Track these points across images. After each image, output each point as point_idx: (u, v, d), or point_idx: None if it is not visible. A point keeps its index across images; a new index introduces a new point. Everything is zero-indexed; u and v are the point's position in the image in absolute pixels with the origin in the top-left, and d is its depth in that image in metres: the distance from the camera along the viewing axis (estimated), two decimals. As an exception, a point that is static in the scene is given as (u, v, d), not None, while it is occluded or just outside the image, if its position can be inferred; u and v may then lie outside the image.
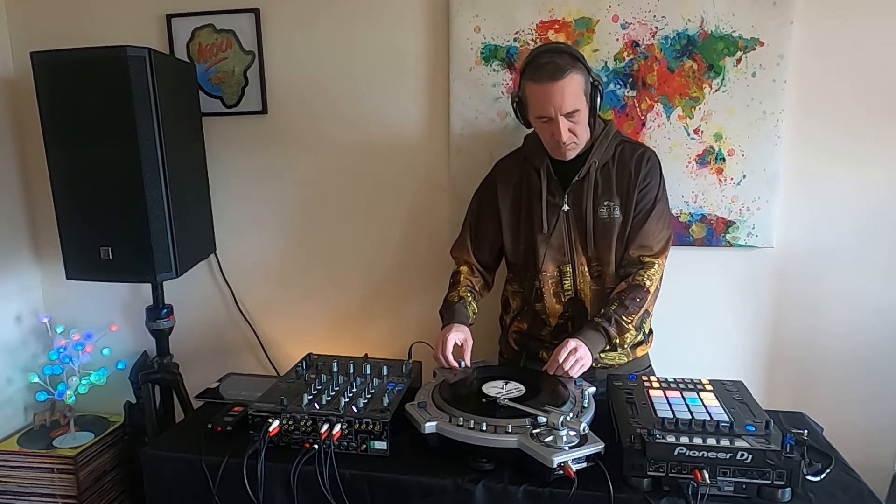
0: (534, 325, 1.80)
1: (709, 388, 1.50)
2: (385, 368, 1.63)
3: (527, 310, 1.81)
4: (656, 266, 1.68)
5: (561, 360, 1.56)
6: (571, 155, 1.66)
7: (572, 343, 1.58)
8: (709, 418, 1.31)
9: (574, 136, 1.61)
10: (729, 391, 1.49)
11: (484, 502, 1.28)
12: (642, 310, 1.65)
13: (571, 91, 1.55)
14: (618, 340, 1.65)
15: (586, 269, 1.71)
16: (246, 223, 2.34)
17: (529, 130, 1.79)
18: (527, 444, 1.26)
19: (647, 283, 1.65)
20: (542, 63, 1.55)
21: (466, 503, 1.28)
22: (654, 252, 1.68)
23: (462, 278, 1.81)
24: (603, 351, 1.71)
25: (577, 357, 1.56)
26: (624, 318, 1.62)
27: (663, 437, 1.23)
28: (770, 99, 1.91)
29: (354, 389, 1.53)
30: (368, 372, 1.63)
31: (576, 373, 1.56)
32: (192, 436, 1.51)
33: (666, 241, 1.71)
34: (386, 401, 1.45)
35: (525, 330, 1.83)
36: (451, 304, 1.74)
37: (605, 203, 1.68)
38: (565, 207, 1.70)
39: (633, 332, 1.68)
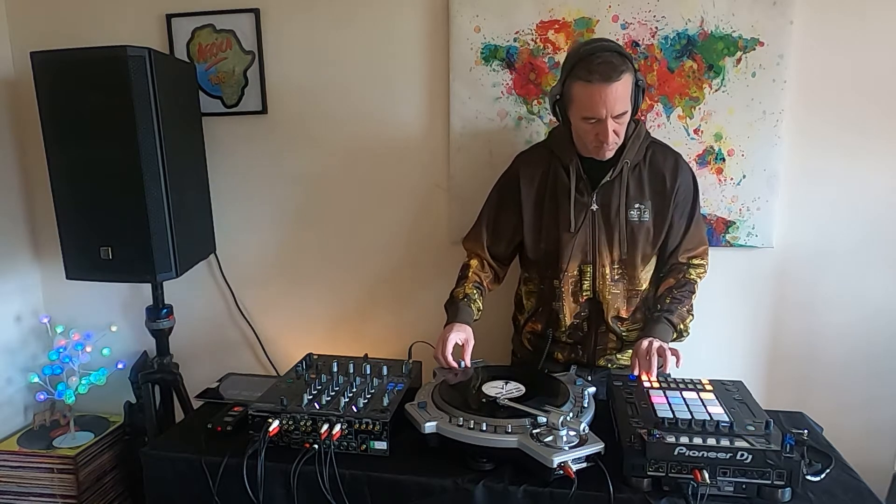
0: (548, 325, 1.79)
1: (709, 388, 1.50)
2: (385, 368, 1.63)
3: (542, 310, 1.80)
4: (705, 264, 1.76)
5: (648, 358, 1.53)
6: (610, 155, 1.63)
7: (645, 342, 1.56)
8: (709, 418, 1.31)
9: (617, 138, 1.58)
10: (729, 391, 1.49)
11: (484, 502, 1.28)
12: (692, 299, 1.69)
13: (623, 93, 1.52)
14: (682, 326, 1.66)
15: (607, 270, 1.70)
16: (246, 223, 2.34)
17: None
18: (527, 444, 1.26)
19: (697, 279, 1.72)
20: (597, 63, 1.50)
21: (466, 503, 1.28)
22: (699, 252, 1.74)
23: (470, 273, 1.79)
24: (619, 351, 1.76)
25: (656, 348, 1.53)
26: (680, 307, 1.66)
27: (663, 437, 1.23)
28: (770, 99, 1.91)
29: (354, 389, 1.52)
30: (368, 372, 1.63)
31: (678, 366, 1.53)
32: (192, 436, 1.50)
33: (706, 236, 1.78)
34: (386, 401, 1.45)
35: (539, 331, 1.82)
36: (456, 302, 1.72)
37: (637, 205, 1.67)
38: (594, 207, 1.68)
39: (692, 317, 1.69)
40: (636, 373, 1.55)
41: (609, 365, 1.77)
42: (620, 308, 1.72)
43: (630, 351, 1.76)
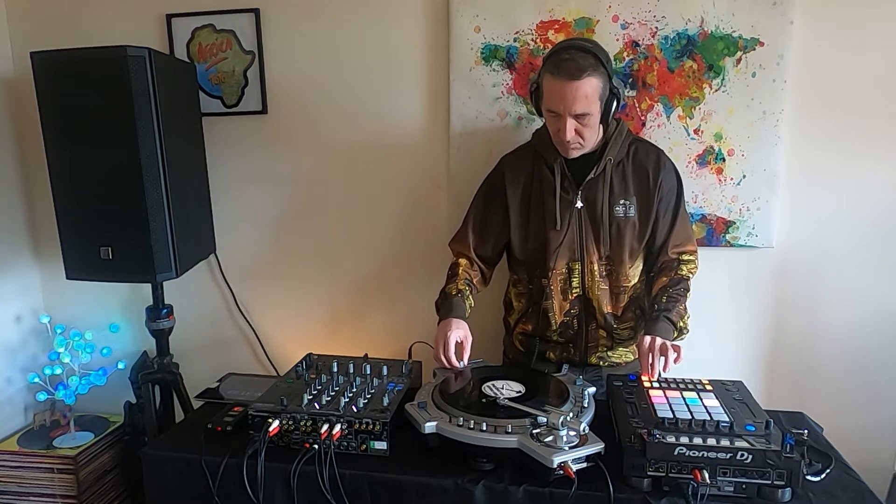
0: (538, 325, 1.79)
1: (709, 388, 1.50)
2: (385, 368, 1.63)
3: (532, 311, 1.80)
4: (695, 259, 1.74)
5: (651, 361, 1.53)
6: (574, 154, 1.65)
7: (648, 339, 1.55)
8: (709, 418, 1.31)
9: (579, 138, 1.60)
10: (729, 391, 1.49)
11: (484, 502, 1.28)
12: (687, 297, 1.68)
13: (585, 94, 1.52)
14: (682, 324, 1.65)
15: (596, 267, 1.71)
16: (246, 223, 2.34)
17: (538, 126, 1.79)
18: (527, 444, 1.26)
19: (689, 275, 1.71)
20: (564, 58, 1.52)
21: (466, 503, 1.28)
22: (688, 248, 1.73)
23: (460, 271, 1.79)
24: (610, 349, 1.76)
25: (659, 346, 1.53)
26: (678, 305, 1.65)
27: (663, 437, 1.23)
28: (770, 99, 1.91)
29: (354, 389, 1.52)
30: (368, 372, 1.63)
31: (677, 362, 1.52)
32: (192, 436, 1.50)
33: (692, 232, 1.77)
34: (386, 401, 1.45)
35: (530, 331, 1.82)
36: (449, 297, 1.73)
37: (622, 202, 1.68)
38: (579, 204, 1.68)
39: (689, 314, 1.69)
40: (647, 375, 1.54)
41: (601, 363, 1.77)
42: (608, 305, 1.73)
43: (622, 349, 1.78)
